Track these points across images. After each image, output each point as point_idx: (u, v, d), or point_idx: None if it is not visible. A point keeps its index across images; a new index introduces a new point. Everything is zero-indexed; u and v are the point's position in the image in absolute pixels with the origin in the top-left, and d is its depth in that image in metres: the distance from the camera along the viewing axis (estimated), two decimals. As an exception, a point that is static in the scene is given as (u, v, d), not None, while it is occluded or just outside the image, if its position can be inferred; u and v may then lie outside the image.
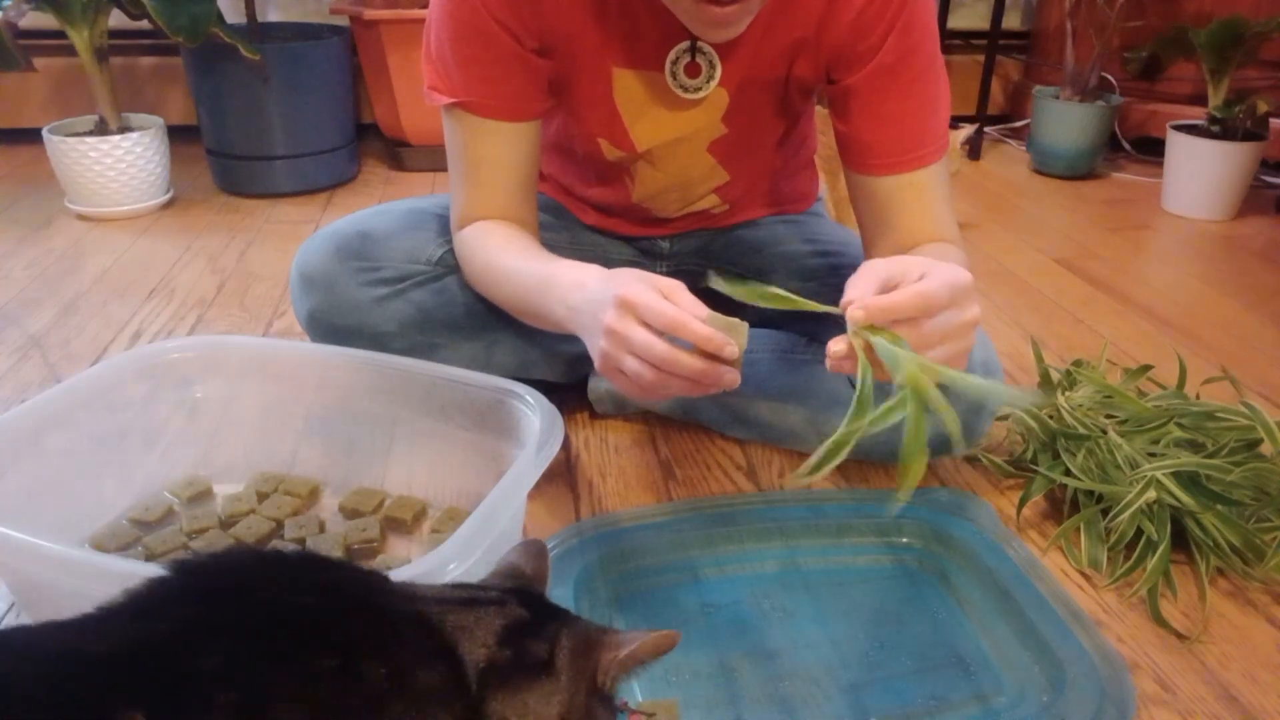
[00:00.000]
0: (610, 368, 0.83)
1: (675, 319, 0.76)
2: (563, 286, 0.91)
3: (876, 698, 0.84)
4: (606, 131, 1.09)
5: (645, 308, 0.78)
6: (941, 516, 1.04)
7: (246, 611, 0.47)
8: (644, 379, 0.79)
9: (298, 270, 1.13)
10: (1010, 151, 2.67)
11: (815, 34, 0.99)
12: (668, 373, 0.78)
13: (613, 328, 0.80)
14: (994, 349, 1.09)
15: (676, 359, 0.77)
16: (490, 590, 0.59)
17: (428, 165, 2.31)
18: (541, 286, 0.96)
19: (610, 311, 0.80)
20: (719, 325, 0.77)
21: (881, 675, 0.87)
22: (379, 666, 0.48)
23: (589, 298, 0.86)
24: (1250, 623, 0.96)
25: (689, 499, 1.11)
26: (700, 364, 0.77)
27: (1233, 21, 2.09)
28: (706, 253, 1.27)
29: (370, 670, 0.47)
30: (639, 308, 0.78)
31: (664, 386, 0.79)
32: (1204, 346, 1.55)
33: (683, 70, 1.02)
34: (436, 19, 1.01)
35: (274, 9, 2.46)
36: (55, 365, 1.40)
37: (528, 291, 0.99)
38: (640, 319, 0.78)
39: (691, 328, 0.76)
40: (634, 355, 0.79)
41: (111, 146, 1.96)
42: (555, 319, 0.94)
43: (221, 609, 0.47)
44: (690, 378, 0.78)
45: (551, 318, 0.95)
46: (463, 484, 1.04)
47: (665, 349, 0.77)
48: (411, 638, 0.51)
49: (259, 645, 0.45)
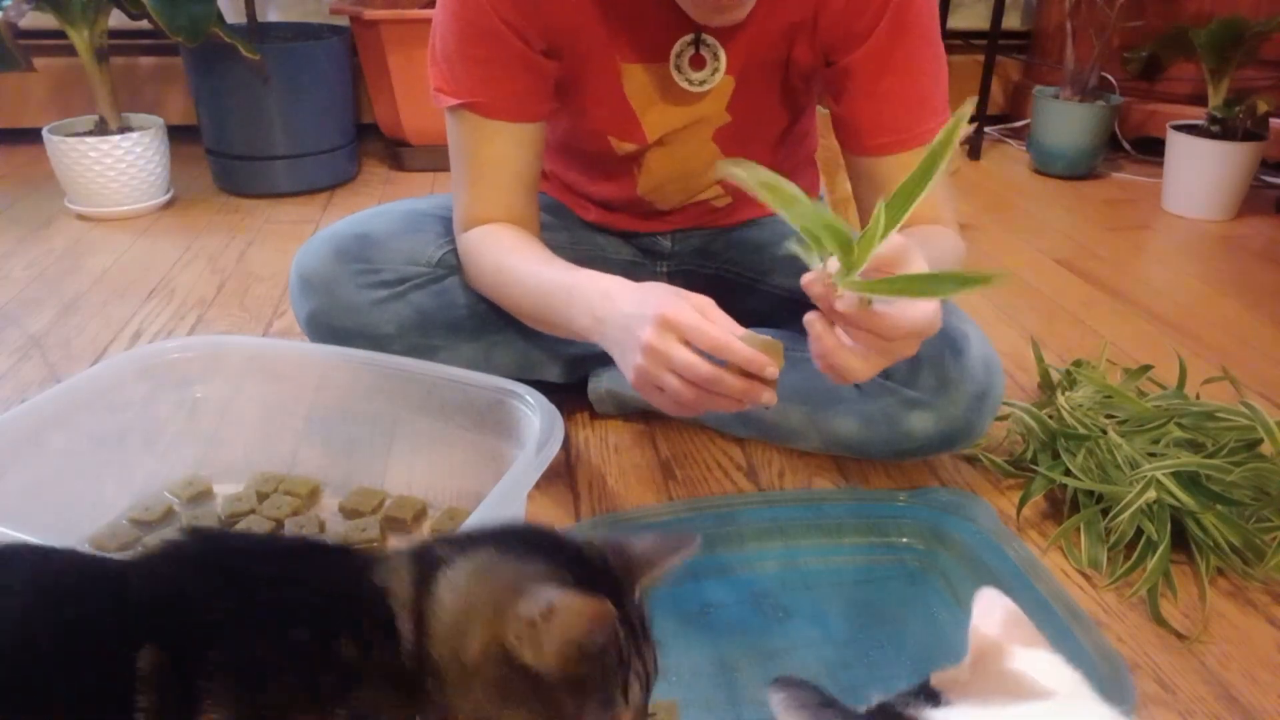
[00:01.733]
0: (647, 384, 0.83)
1: (718, 340, 0.77)
2: (589, 297, 0.91)
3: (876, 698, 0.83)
4: (617, 127, 1.09)
5: (689, 328, 0.78)
6: (941, 516, 1.04)
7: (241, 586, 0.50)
8: (683, 397, 0.80)
9: (297, 272, 1.13)
10: (1010, 151, 2.67)
11: (812, 16, 1.00)
12: (710, 392, 0.79)
13: (654, 345, 0.80)
14: (994, 348, 1.09)
15: (720, 379, 0.77)
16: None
17: (428, 165, 2.31)
18: (563, 295, 0.95)
19: (649, 329, 0.80)
20: (756, 345, 0.78)
21: (881, 675, 0.87)
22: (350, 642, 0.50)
23: (622, 311, 0.86)
24: (1250, 623, 0.96)
25: (689, 499, 1.11)
26: (742, 384, 0.77)
27: (1233, 21, 2.09)
28: (707, 252, 1.27)
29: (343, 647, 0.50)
30: (682, 327, 0.78)
31: (704, 404, 0.80)
32: (1204, 346, 1.55)
33: (687, 63, 1.02)
34: (442, 20, 1.01)
35: (274, 9, 2.46)
36: (55, 365, 1.40)
37: (546, 298, 0.99)
38: (682, 338, 0.79)
39: (734, 349, 0.77)
40: (675, 374, 0.79)
41: (111, 146, 1.96)
42: (577, 328, 0.93)
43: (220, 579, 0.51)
44: (731, 396, 0.78)
45: (572, 326, 0.94)
46: (463, 484, 1.04)
47: (710, 370, 0.77)
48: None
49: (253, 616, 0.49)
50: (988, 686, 0.49)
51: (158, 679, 0.45)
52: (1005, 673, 0.50)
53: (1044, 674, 0.49)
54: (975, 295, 1.71)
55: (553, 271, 0.99)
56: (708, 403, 0.80)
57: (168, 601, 0.49)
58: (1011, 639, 0.52)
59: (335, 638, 0.50)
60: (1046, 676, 0.49)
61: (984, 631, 0.52)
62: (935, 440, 1.09)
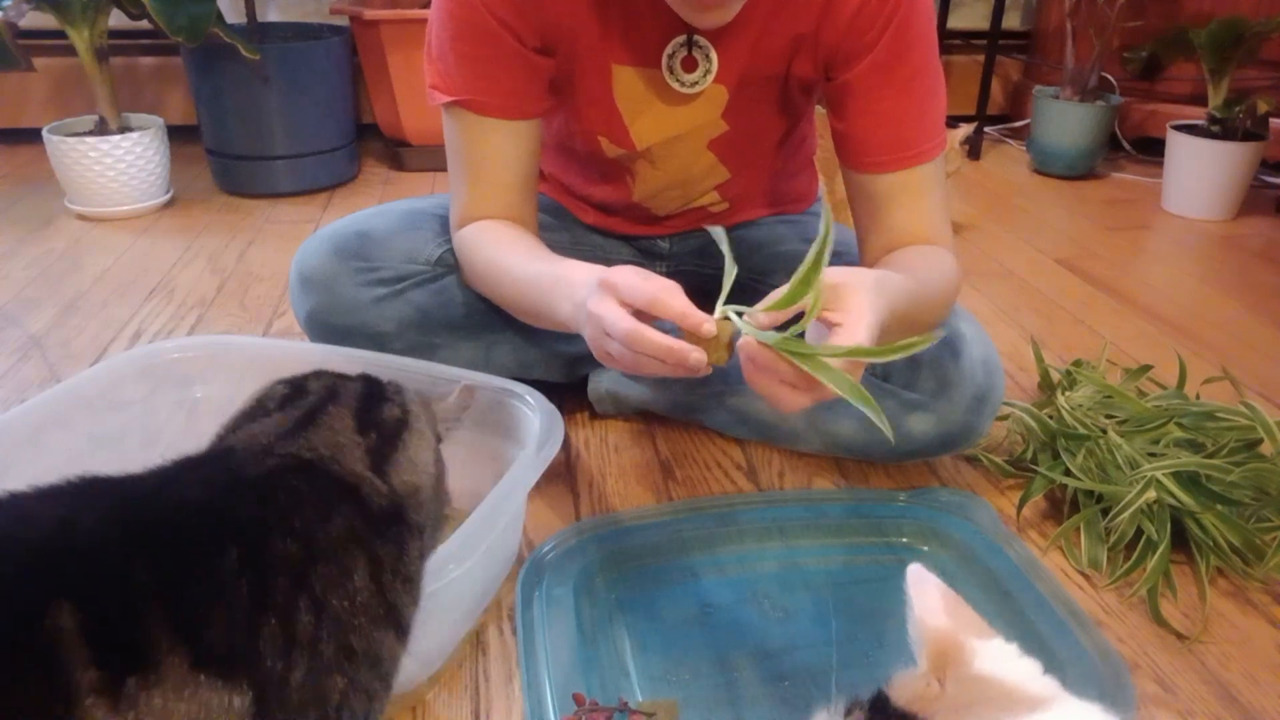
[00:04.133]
0: (598, 351, 0.81)
1: (653, 296, 0.75)
2: (572, 285, 0.91)
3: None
4: (606, 129, 1.09)
5: (624, 287, 0.77)
6: (941, 516, 1.04)
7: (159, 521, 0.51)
8: (624, 359, 0.78)
9: (297, 271, 1.13)
10: (1010, 151, 2.67)
11: (814, 31, 0.99)
12: (637, 350, 0.76)
13: (591, 310, 0.80)
14: (994, 349, 1.09)
15: (640, 334, 0.74)
16: (313, 389, 0.67)
17: (428, 165, 2.31)
18: (547, 285, 0.95)
19: (593, 296, 0.80)
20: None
21: (881, 675, 0.86)
22: (288, 541, 0.52)
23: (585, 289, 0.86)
24: (1250, 623, 0.96)
25: (689, 499, 1.11)
26: (664, 342, 0.74)
27: (1233, 21, 2.09)
28: (706, 253, 1.27)
29: (281, 547, 0.52)
30: (618, 287, 0.78)
31: (639, 366, 0.77)
32: (1204, 346, 1.55)
33: (679, 64, 1.02)
34: (438, 18, 1.01)
35: (274, 9, 2.46)
36: (55, 365, 1.40)
37: (533, 290, 0.99)
38: (619, 298, 0.78)
39: (666, 304, 0.75)
40: (609, 334, 0.78)
41: (111, 146, 1.96)
42: (560, 317, 0.93)
43: (131, 513, 0.51)
44: (656, 355, 0.75)
45: (556, 316, 0.94)
46: (463, 484, 1.04)
47: (629, 324, 0.75)
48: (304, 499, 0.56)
49: (178, 555, 0.49)
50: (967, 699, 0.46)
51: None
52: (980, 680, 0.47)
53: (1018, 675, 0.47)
54: (975, 295, 1.71)
55: (539, 263, 0.99)
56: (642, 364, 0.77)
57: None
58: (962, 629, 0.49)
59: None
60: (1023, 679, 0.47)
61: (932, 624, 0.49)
62: (935, 442, 1.09)
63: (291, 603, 0.51)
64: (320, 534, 0.55)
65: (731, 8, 0.92)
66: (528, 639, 0.86)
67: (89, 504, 0.51)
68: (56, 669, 0.42)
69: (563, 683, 0.81)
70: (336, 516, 0.56)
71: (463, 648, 0.89)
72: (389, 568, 0.59)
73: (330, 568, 0.54)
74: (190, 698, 0.44)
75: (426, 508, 0.67)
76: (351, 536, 0.57)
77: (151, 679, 0.43)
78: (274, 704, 0.49)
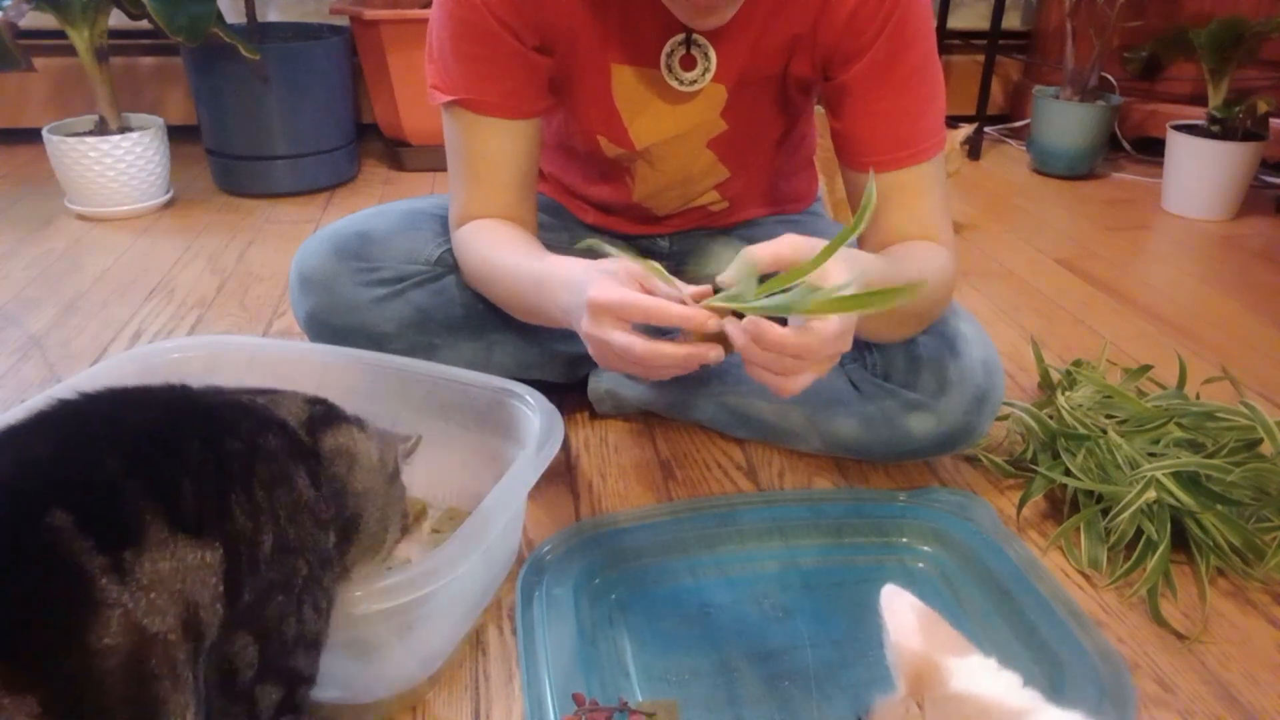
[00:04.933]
0: (607, 365, 0.84)
1: (649, 310, 0.76)
2: (554, 285, 0.91)
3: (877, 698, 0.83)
4: (605, 128, 1.09)
5: (618, 306, 0.77)
6: (941, 516, 1.04)
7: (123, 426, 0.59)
8: (638, 371, 0.80)
9: (296, 271, 1.13)
10: (1010, 151, 2.67)
11: (811, 31, 0.99)
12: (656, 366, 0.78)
13: (590, 335, 0.80)
14: (994, 349, 1.09)
15: (658, 353, 0.76)
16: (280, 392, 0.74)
17: (428, 165, 2.31)
18: (536, 285, 0.96)
19: (585, 319, 0.80)
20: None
21: (881, 675, 0.86)
22: (235, 441, 0.61)
23: (571, 302, 0.86)
24: (1250, 623, 0.96)
25: (689, 499, 1.11)
26: (682, 351, 0.76)
27: (1233, 21, 2.09)
28: (706, 252, 1.27)
29: (230, 445, 0.61)
30: (612, 308, 0.78)
31: (656, 374, 0.80)
32: (1204, 346, 1.55)
33: (678, 63, 1.02)
34: (437, 18, 1.01)
35: (274, 9, 2.46)
36: (55, 365, 1.40)
37: (523, 290, 0.99)
38: (615, 318, 0.78)
39: (665, 313, 0.75)
40: (623, 359, 0.79)
41: (111, 146, 1.96)
42: (552, 318, 0.94)
43: (105, 427, 0.59)
44: (676, 365, 0.78)
45: (547, 316, 0.95)
46: (463, 484, 1.04)
47: (644, 349, 0.76)
48: (246, 418, 0.65)
49: (145, 445, 0.57)
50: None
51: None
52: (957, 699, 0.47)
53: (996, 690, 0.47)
54: (975, 295, 1.71)
55: (528, 262, 0.99)
56: (659, 373, 0.79)
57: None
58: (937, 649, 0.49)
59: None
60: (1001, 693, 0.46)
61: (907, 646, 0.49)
62: (935, 442, 1.09)
63: (249, 483, 0.60)
64: (262, 442, 0.63)
65: (728, 10, 0.92)
66: (528, 639, 0.86)
67: (52, 428, 0.58)
68: (70, 563, 0.48)
69: (563, 683, 0.81)
70: (273, 436, 0.65)
71: (463, 648, 0.89)
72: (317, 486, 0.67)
73: (274, 468, 0.63)
74: (172, 556, 0.52)
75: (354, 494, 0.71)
76: (288, 451, 0.65)
77: (141, 547, 0.51)
78: (245, 563, 0.57)
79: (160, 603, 0.51)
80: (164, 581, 0.51)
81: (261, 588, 0.59)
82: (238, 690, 0.58)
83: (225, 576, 0.55)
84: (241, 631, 0.57)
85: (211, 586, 0.54)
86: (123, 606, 0.49)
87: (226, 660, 0.57)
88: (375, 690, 0.82)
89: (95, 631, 0.48)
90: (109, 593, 0.49)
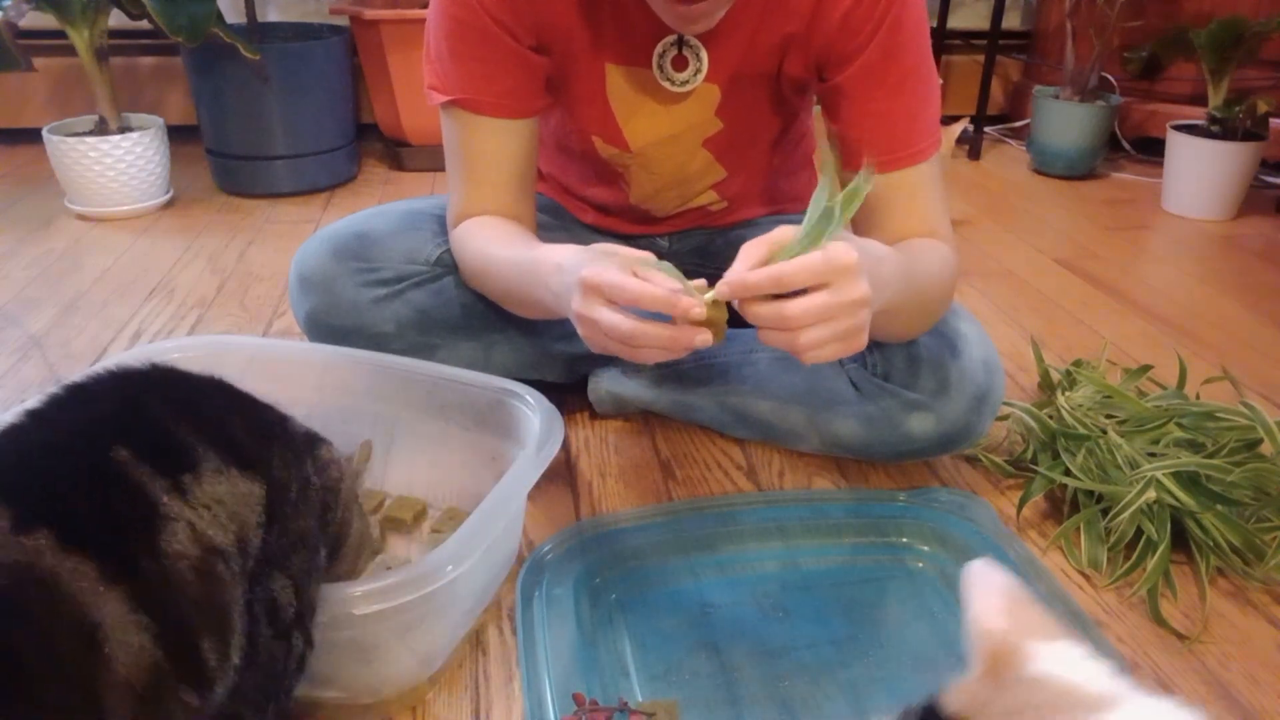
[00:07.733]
0: (596, 347, 0.84)
1: (636, 293, 0.77)
2: (546, 270, 0.91)
3: (876, 698, 0.84)
4: (600, 129, 1.09)
5: (607, 286, 0.78)
6: (941, 516, 1.04)
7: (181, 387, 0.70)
8: (624, 353, 0.80)
9: (296, 271, 1.13)
10: (1010, 151, 2.67)
11: (805, 31, 0.99)
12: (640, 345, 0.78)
13: (580, 313, 0.81)
14: (994, 349, 1.09)
15: (643, 333, 0.77)
16: None
17: (428, 165, 2.31)
18: (527, 273, 0.96)
19: (577, 297, 0.81)
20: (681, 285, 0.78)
21: (881, 675, 0.87)
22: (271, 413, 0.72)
23: (566, 282, 0.86)
24: (1250, 623, 0.96)
25: (689, 499, 1.11)
26: (666, 332, 0.77)
27: (1233, 21, 2.09)
28: (706, 252, 1.27)
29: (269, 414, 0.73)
30: (601, 288, 0.78)
31: (643, 356, 0.80)
32: (1204, 346, 1.55)
33: (669, 63, 1.02)
34: (435, 19, 1.01)
35: (274, 9, 2.46)
36: (55, 365, 1.40)
37: (516, 280, 0.99)
38: (605, 298, 0.79)
39: (652, 296, 0.76)
40: (608, 337, 0.79)
41: (111, 146, 1.96)
42: (545, 306, 0.94)
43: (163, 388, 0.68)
44: (662, 345, 0.78)
45: (541, 305, 0.95)
46: (463, 484, 1.04)
47: (630, 327, 0.77)
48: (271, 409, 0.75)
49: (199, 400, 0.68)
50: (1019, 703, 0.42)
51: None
52: (1034, 682, 0.42)
53: (1079, 676, 0.42)
54: (975, 295, 1.71)
55: (520, 251, 0.99)
56: (647, 354, 0.80)
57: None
58: (1022, 631, 0.45)
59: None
60: (1085, 679, 0.42)
61: (989, 627, 0.45)
62: (935, 442, 1.09)
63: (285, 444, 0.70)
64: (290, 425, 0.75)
65: (712, 18, 0.92)
66: (528, 639, 0.86)
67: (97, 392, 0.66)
68: (136, 488, 0.57)
69: (563, 683, 0.81)
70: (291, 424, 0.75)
71: (463, 648, 0.89)
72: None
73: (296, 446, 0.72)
74: (226, 481, 0.61)
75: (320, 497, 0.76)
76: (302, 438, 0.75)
77: (199, 471, 0.60)
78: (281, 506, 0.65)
79: (221, 520, 0.59)
80: (221, 503, 0.60)
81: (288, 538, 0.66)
82: (281, 626, 0.64)
83: (266, 510, 0.63)
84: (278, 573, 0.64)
85: (258, 514, 0.63)
86: (186, 520, 0.57)
87: (271, 595, 0.63)
88: (375, 690, 0.82)
89: (164, 539, 0.56)
90: (171, 508, 0.57)
